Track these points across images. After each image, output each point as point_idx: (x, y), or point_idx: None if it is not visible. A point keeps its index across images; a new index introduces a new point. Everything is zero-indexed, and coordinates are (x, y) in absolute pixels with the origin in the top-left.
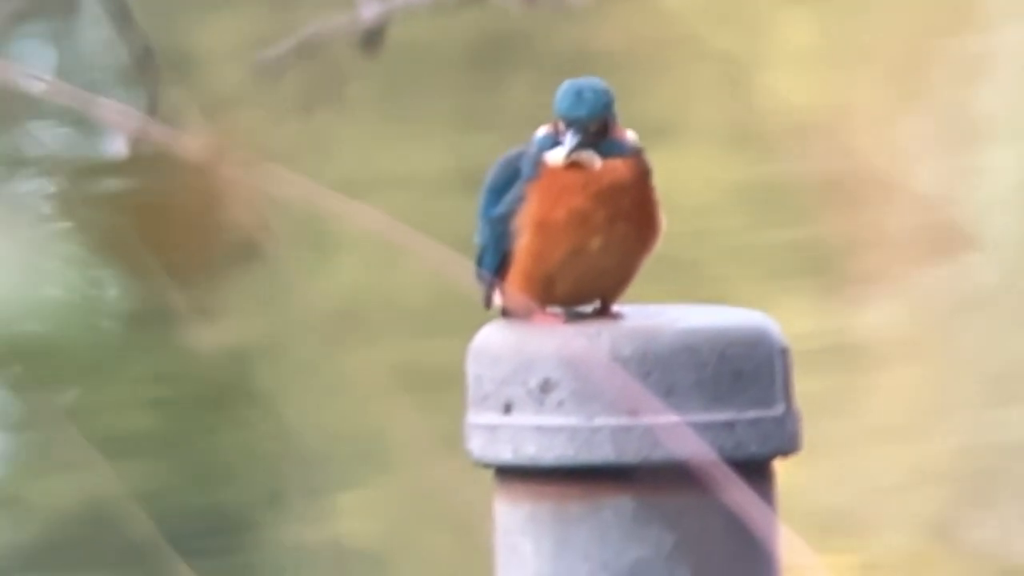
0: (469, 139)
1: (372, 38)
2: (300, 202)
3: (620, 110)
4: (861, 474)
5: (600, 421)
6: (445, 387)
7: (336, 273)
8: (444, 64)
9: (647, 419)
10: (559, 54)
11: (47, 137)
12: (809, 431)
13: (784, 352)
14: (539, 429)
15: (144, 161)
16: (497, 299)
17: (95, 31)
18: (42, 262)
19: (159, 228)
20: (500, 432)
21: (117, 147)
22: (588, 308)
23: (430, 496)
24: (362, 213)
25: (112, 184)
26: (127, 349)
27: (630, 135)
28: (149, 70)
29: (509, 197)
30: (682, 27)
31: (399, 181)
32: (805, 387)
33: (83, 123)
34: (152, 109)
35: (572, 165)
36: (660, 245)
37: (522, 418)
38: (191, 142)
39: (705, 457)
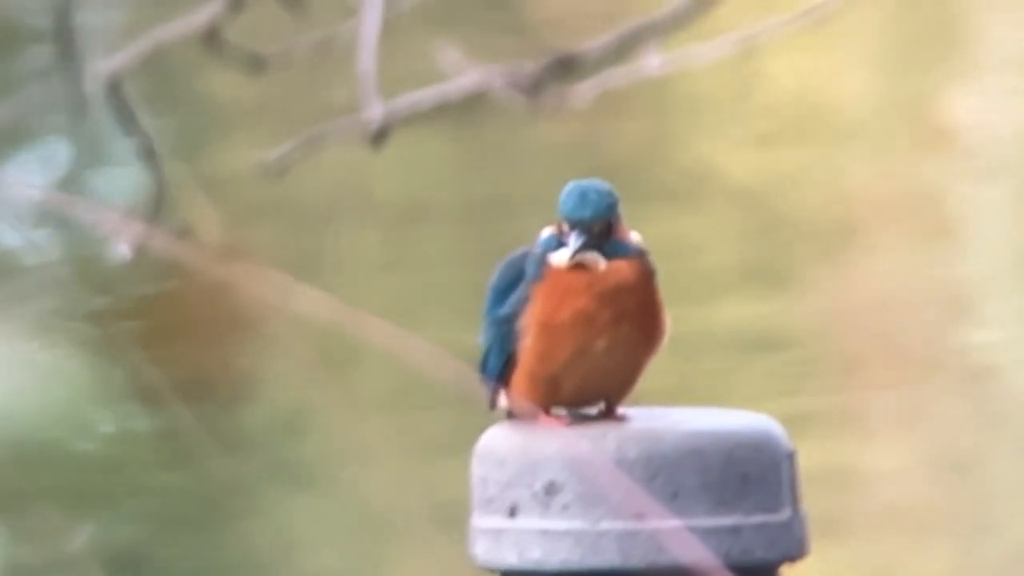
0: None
1: (378, 137)
2: (311, 314)
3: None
4: None
5: (605, 525)
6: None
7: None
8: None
9: (653, 523)
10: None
11: (48, 244)
12: None
13: (790, 456)
14: (544, 533)
15: (151, 267)
16: (502, 401)
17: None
18: (42, 373)
19: (166, 345)
20: (505, 536)
21: (122, 253)
22: (593, 409)
23: None
24: (372, 325)
25: (117, 291)
26: (133, 467)
27: (634, 236)
28: (154, 173)
29: (514, 298)
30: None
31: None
32: None
33: (85, 229)
34: (157, 212)
35: (576, 266)
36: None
37: (527, 522)
38: (197, 247)
39: (710, 563)
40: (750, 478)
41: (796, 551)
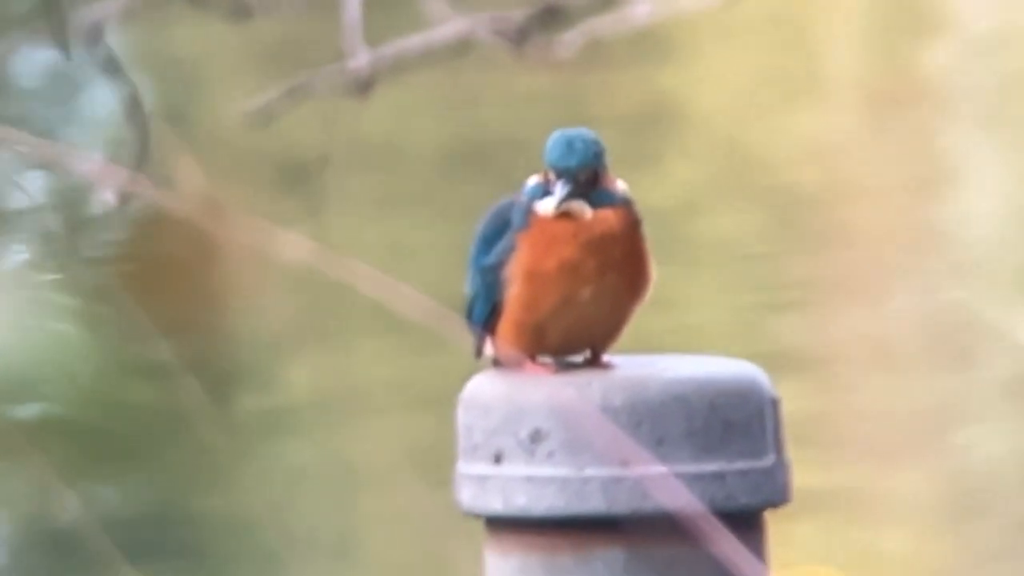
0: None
1: (363, 86)
2: (294, 260)
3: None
4: None
5: (591, 472)
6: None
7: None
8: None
9: (637, 470)
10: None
11: (36, 192)
12: None
13: (774, 403)
14: (530, 480)
15: (134, 216)
16: (488, 349)
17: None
18: (32, 316)
19: (149, 283)
20: (490, 483)
21: (108, 201)
22: (579, 358)
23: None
24: (352, 268)
25: (102, 239)
26: (118, 406)
27: (620, 185)
28: (139, 122)
29: (500, 247)
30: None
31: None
32: None
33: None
34: (142, 161)
35: (563, 215)
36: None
37: (513, 469)
38: (182, 196)
39: (695, 509)
40: (734, 425)
41: (779, 497)
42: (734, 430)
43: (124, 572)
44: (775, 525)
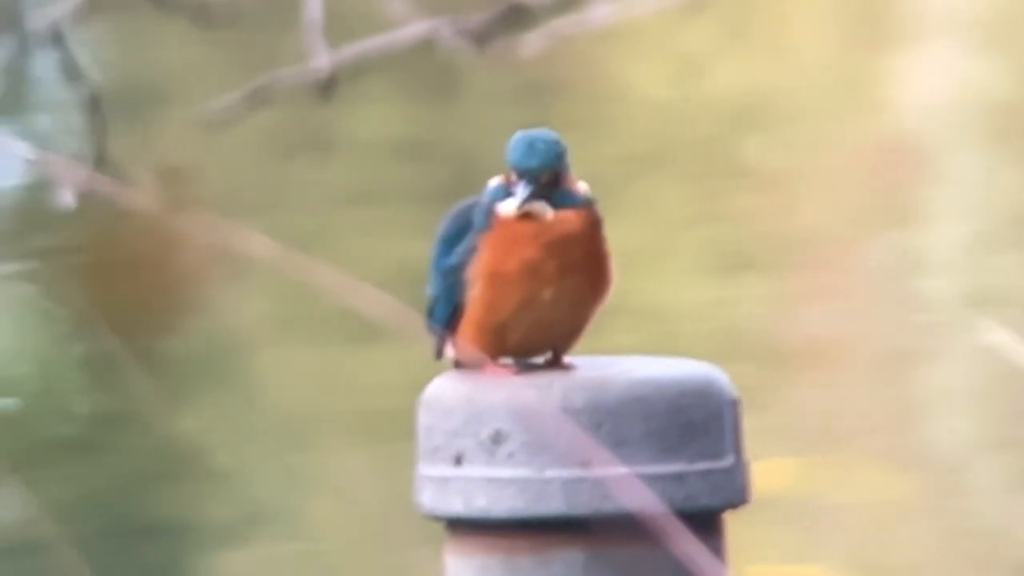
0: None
1: (326, 87)
2: (251, 255)
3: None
4: None
5: (551, 473)
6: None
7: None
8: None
9: (598, 471)
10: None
11: None
12: None
13: (734, 403)
14: (490, 481)
15: (93, 213)
16: (449, 350)
17: (48, 79)
18: None
19: (107, 281)
20: (451, 484)
21: (65, 199)
22: (540, 359)
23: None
24: (311, 266)
25: (60, 236)
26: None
27: (582, 186)
28: (97, 121)
29: (461, 248)
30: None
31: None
32: None
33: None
34: (101, 161)
35: (524, 216)
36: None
37: (473, 470)
38: (141, 195)
39: (655, 509)
40: (694, 426)
41: (739, 497)
42: (694, 431)
43: (73, 564)
44: (750, 526)
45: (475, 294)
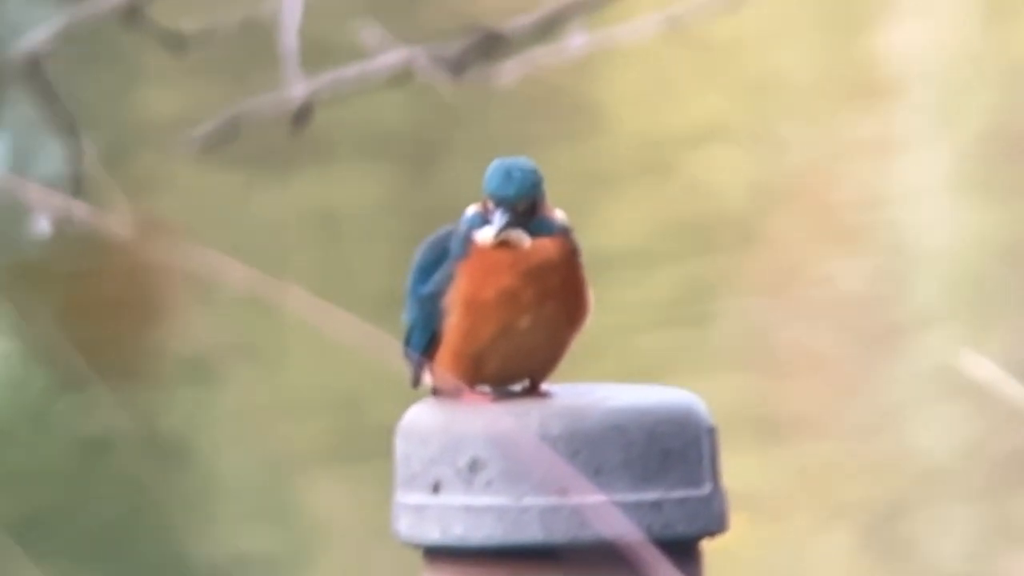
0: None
1: (301, 115)
2: (229, 283)
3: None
4: None
5: (529, 501)
6: (379, 464)
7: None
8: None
9: (575, 499)
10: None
11: None
12: None
13: (711, 431)
14: (467, 509)
15: (70, 242)
16: (426, 378)
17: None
18: None
19: (83, 311)
20: (428, 512)
21: (42, 228)
22: (517, 387)
23: None
24: (290, 294)
25: (37, 265)
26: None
27: (559, 214)
28: (73, 148)
29: (438, 276)
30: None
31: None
32: None
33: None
34: (77, 187)
35: (501, 244)
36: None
37: (450, 498)
38: (118, 222)
39: (633, 537)
40: (672, 453)
41: (716, 525)
42: (672, 459)
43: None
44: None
45: (452, 322)
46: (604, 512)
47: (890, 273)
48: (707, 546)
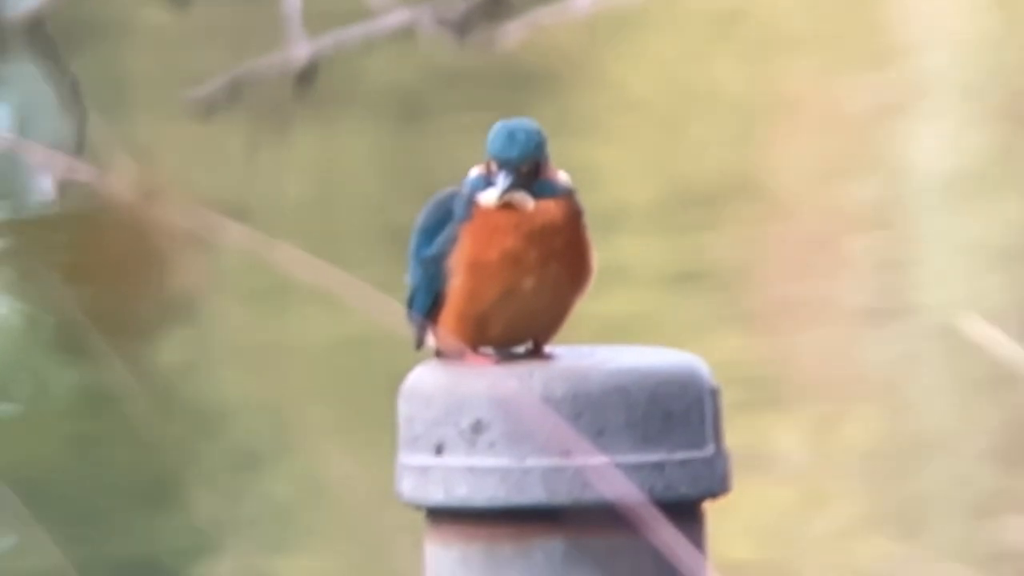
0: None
1: (305, 76)
2: (231, 245)
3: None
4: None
5: (531, 462)
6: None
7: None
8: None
9: (578, 460)
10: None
11: None
12: None
13: (714, 393)
14: (471, 470)
15: (73, 203)
16: (430, 340)
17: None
18: None
19: (88, 270)
20: (431, 473)
21: (45, 188)
22: (521, 349)
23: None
24: (291, 255)
25: (42, 226)
26: (48, 379)
27: (562, 176)
28: (77, 109)
29: (441, 238)
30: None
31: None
32: None
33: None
34: (80, 148)
35: (505, 206)
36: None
37: (454, 459)
38: (120, 183)
39: (635, 499)
40: (674, 415)
41: (719, 487)
42: (674, 420)
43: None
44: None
45: (456, 284)
46: (606, 473)
47: (895, 237)
48: (709, 507)
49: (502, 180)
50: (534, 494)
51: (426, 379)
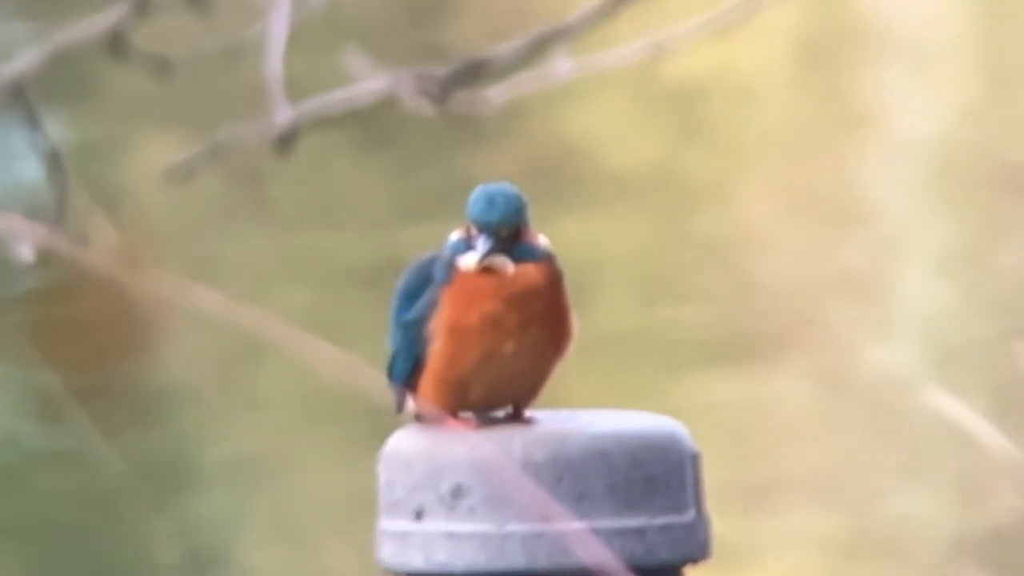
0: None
1: (285, 141)
2: (210, 313)
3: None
4: None
5: (512, 528)
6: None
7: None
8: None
9: (558, 526)
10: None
11: None
12: None
13: (695, 458)
14: (450, 536)
15: (52, 272)
16: (409, 404)
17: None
18: None
19: (64, 341)
20: (411, 539)
21: (24, 256)
22: (501, 413)
23: None
24: (271, 325)
25: (18, 295)
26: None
27: (542, 240)
28: (57, 176)
29: (422, 302)
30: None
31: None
32: None
33: None
34: (60, 216)
35: (485, 270)
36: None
37: (433, 525)
38: (100, 253)
39: (615, 565)
40: (655, 480)
41: (699, 552)
42: (655, 485)
43: None
44: None
45: (436, 348)
46: (586, 539)
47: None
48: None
49: (482, 244)
50: (514, 560)
51: (406, 444)
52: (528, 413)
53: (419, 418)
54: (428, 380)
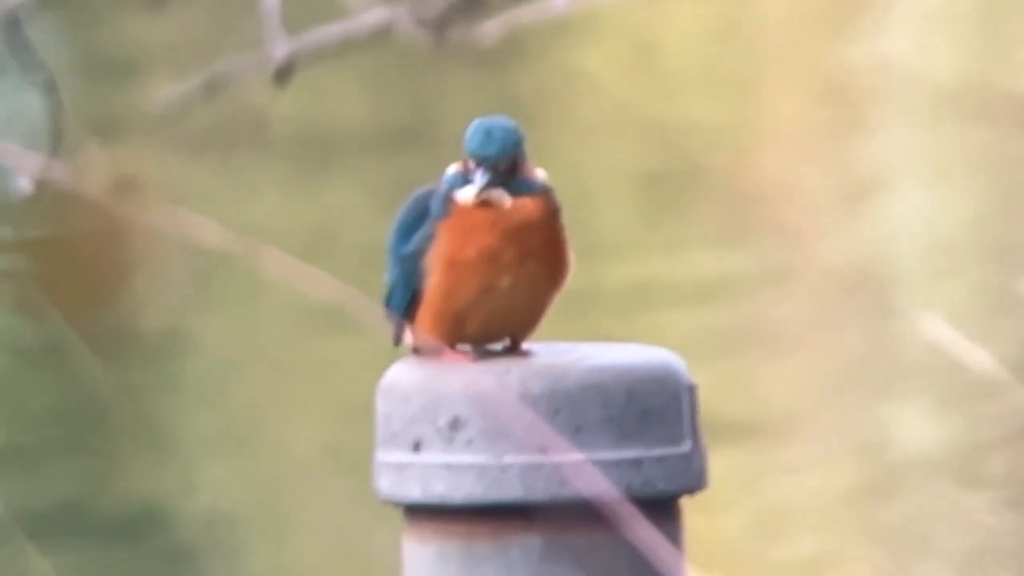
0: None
1: (282, 74)
2: (206, 244)
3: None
4: None
5: (509, 459)
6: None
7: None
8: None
9: (555, 458)
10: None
11: None
12: None
13: (691, 389)
14: (448, 467)
15: (48, 201)
16: (407, 337)
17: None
18: None
19: (60, 268)
20: (409, 470)
21: (22, 187)
22: (498, 346)
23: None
24: (268, 255)
25: (15, 224)
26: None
27: (540, 173)
28: (53, 108)
29: (419, 235)
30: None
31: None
32: None
33: None
34: (56, 147)
35: (482, 204)
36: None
37: (431, 456)
38: (95, 182)
39: (612, 496)
40: (651, 412)
41: (696, 483)
42: (651, 417)
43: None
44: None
45: (433, 281)
46: (584, 470)
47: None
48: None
49: (479, 178)
50: (512, 491)
51: (404, 376)
52: (525, 346)
53: (416, 351)
54: (425, 313)
